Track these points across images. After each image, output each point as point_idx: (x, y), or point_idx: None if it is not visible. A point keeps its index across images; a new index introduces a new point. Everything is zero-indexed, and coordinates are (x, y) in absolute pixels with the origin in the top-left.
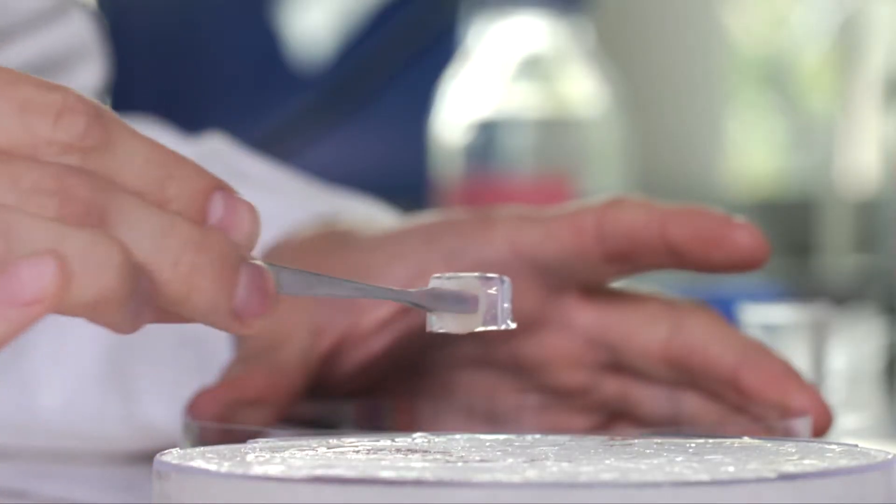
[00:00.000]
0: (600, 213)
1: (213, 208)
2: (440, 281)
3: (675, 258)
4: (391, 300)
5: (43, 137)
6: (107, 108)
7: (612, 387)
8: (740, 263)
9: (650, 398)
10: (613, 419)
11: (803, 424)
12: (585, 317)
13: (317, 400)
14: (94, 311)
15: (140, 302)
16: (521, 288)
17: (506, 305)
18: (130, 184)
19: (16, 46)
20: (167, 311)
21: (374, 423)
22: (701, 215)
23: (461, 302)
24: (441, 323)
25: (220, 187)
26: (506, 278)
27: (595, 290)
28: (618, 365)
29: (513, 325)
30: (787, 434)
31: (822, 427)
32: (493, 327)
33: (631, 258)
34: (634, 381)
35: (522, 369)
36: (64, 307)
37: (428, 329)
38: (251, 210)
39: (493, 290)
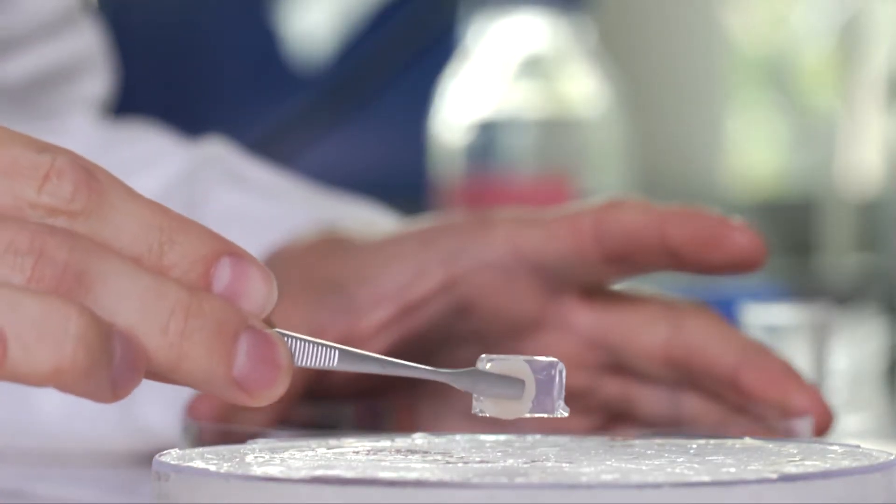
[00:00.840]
0: (599, 214)
1: (219, 274)
2: (486, 362)
3: (674, 259)
4: (427, 378)
5: (27, 200)
6: (104, 170)
7: (613, 388)
8: (738, 264)
9: (651, 399)
10: (614, 420)
11: (804, 425)
12: (585, 318)
13: (316, 401)
14: (56, 381)
15: (120, 370)
16: (520, 289)
17: (562, 392)
18: (126, 248)
19: (24, 56)
20: (163, 376)
21: (373, 424)
22: (699, 217)
23: (506, 386)
24: (483, 406)
25: (231, 252)
26: (560, 364)
27: (595, 292)
28: (618, 366)
29: (566, 413)
30: (789, 434)
31: (822, 427)
32: (544, 414)
33: (630, 259)
34: (635, 382)
35: None
36: (17, 377)
37: (472, 412)
38: (265, 276)
39: (541, 376)
